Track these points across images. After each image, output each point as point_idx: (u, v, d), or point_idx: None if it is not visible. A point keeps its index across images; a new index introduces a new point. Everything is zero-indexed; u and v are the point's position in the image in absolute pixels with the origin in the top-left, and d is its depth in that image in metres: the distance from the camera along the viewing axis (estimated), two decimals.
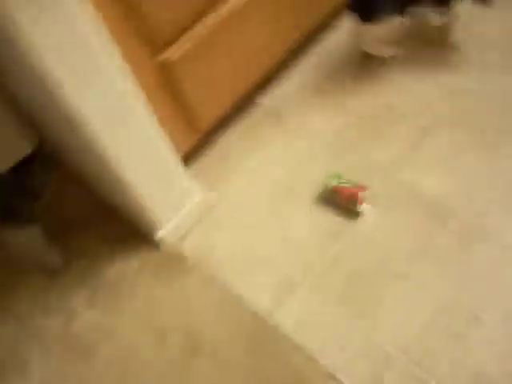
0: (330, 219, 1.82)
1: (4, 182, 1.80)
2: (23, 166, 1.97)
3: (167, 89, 1.77)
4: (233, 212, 1.93)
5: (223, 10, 1.79)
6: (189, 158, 2.02)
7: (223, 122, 2.12)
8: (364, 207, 1.79)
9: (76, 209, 2.09)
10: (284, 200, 1.91)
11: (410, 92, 2.05)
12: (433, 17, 2.02)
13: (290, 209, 1.88)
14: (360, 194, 1.77)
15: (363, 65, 2.18)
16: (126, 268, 1.89)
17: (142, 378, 1.66)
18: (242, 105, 2.16)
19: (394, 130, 1.97)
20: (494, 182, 1.77)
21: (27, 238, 1.85)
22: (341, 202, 1.81)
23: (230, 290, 1.75)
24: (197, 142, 2.02)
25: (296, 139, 2.05)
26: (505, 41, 2.09)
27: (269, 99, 2.20)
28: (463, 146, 1.87)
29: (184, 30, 1.73)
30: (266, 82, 2.19)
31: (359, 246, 1.74)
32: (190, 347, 1.68)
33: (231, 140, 2.12)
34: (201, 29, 1.76)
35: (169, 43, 1.71)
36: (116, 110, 1.51)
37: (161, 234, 1.86)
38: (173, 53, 1.72)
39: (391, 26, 1.92)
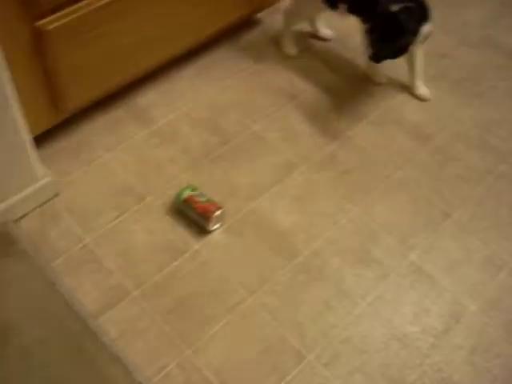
0: (177, 232, 1.77)
1: None
2: None
3: (38, 59, 1.65)
4: (76, 205, 1.82)
5: None
6: (43, 139, 1.89)
7: (89, 111, 2.02)
8: (215, 226, 1.76)
9: None
10: (132, 204, 1.83)
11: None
12: None
13: (136, 214, 1.81)
14: (213, 212, 1.74)
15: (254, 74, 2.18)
16: None
17: None
18: (114, 97, 2.06)
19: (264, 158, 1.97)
20: (342, 226, 1.81)
21: None
22: (192, 215, 1.77)
23: (57, 287, 1.63)
24: (56, 124, 1.89)
25: (163, 142, 1.99)
26: None
27: (142, 97, 2.12)
28: (326, 188, 1.90)
29: (65, 4, 1.63)
30: (144, 79, 2.11)
31: (199, 268, 1.70)
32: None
33: (93, 131, 2.01)
34: (81, 8, 1.66)
35: (50, 11, 1.60)
36: None
37: None
38: (51, 22, 1.61)
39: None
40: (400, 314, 1.65)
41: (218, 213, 1.74)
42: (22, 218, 1.78)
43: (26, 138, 1.64)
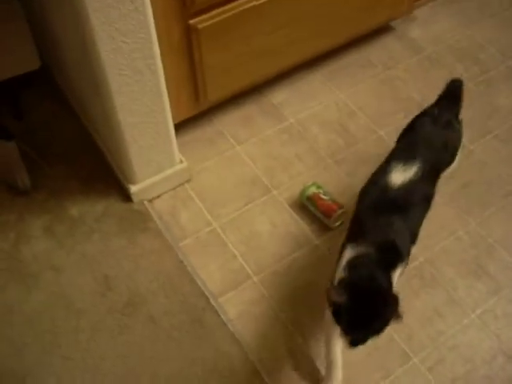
0: (299, 226, 1.85)
1: None
2: (16, 83, 1.97)
3: (186, 54, 1.78)
4: (206, 192, 1.94)
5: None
6: (180, 128, 2.02)
7: (224, 105, 2.13)
8: (335, 224, 1.83)
9: (60, 139, 2.08)
10: (259, 195, 1.93)
11: None
12: None
13: (262, 205, 1.90)
14: (335, 211, 1.81)
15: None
16: (90, 210, 1.89)
17: (73, 323, 1.67)
18: (248, 93, 2.16)
19: None
20: (458, 237, 1.82)
21: (2, 151, 1.83)
22: (315, 212, 1.84)
23: (184, 265, 1.77)
24: (194, 114, 2.02)
25: (292, 139, 2.08)
26: None
27: (275, 95, 2.21)
28: (440, 196, 1.91)
29: (218, 5, 1.74)
30: (277, 77, 2.20)
31: (316, 262, 1.77)
32: (130, 304, 1.69)
33: (226, 124, 2.12)
34: (232, 9, 1.77)
35: (200, 12, 1.72)
36: (132, 52, 1.49)
37: (134, 188, 1.86)
38: (203, 21, 1.73)
39: None
40: (509, 329, 1.65)
41: (339, 212, 1.81)
42: (156, 198, 1.92)
43: (171, 124, 1.77)
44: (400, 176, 1.52)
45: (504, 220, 1.87)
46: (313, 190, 1.85)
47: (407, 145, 1.66)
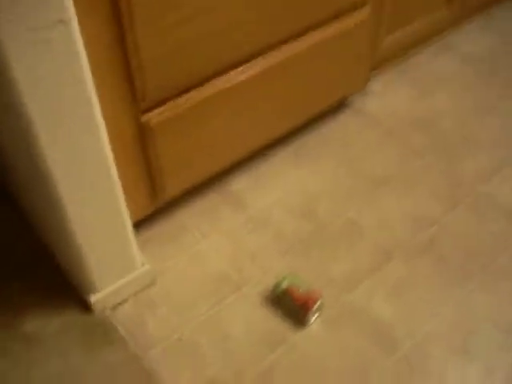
0: (274, 323, 1.73)
1: None
2: None
3: (140, 151, 1.69)
4: (172, 294, 1.82)
5: (211, 88, 1.73)
6: (141, 223, 1.92)
7: (185, 196, 2.04)
8: (313, 318, 1.72)
9: (15, 250, 1.95)
10: (228, 292, 1.81)
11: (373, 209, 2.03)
12: None
13: (233, 303, 1.79)
14: (313, 304, 1.70)
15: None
16: (46, 326, 1.74)
17: None
18: (209, 182, 2.08)
19: (360, 245, 1.93)
20: (443, 316, 1.73)
21: None
22: (291, 306, 1.73)
23: (154, 375, 1.63)
24: (153, 211, 1.92)
25: (257, 228, 1.99)
26: None
27: (235, 182, 2.13)
28: (424, 276, 1.84)
29: (172, 97, 1.67)
30: (238, 165, 2.14)
31: (297, 361, 1.65)
32: None
33: (188, 217, 2.03)
34: (187, 101, 1.70)
35: (153, 107, 1.64)
36: (81, 157, 1.40)
37: (94, 297, 1.73)
38: (155, 116, 1.65)
39: None
40: None
41: (317, 304, 1.71)
42: (118, 305, 1.79)
43: (129, 227, 1.66)
44: None
45: (488, 294, 1.79)
46: (286, 282, 1.75)
47: None
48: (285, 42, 1.86)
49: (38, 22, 1.14)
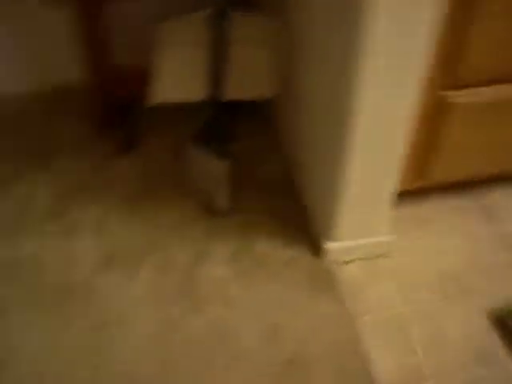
0: (490, 339, 1.64)
1: (229, 108, 1.77)
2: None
3: (432, 123, 1.66)
4: (401, 271, 1.79)
5: None
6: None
7: (439, 191, 2.00)
8: None
9: (267, 172, 2.04)
10: (454, 294, 1.75)
11: None
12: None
13: (455, 306, 1.72)
14: None
15: None
16: (276, 254, 1.80)
17: (226, 360, 1.57)
18: (466, 187, 2.02)
19: None
20: None
21: (215, 169, 1.80)
22: None
23: (358, 343, 1.62)
24: (413, 189, 1.89)
25: (505, 247, 1.88)
26: None
27: (493, 195, 2.03)
28: None
29: (480, 83, 1.61)
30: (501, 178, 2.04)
31: None
32: (292, 363, 1.57)
33: (437, 210, 1.97)
34: (495, 93, 1.63)
35: (462, 86, 1.60)
36: (389, 99, 1.41)
37: (330, 245, 1.75)
38: (459, 96, 1.61)
39: None
40: None
41: None
42: (348, 262, 1.80)
43: (393, 188, 1.66)
44: None
45: None
46: None
47: None
48: None
49: None
